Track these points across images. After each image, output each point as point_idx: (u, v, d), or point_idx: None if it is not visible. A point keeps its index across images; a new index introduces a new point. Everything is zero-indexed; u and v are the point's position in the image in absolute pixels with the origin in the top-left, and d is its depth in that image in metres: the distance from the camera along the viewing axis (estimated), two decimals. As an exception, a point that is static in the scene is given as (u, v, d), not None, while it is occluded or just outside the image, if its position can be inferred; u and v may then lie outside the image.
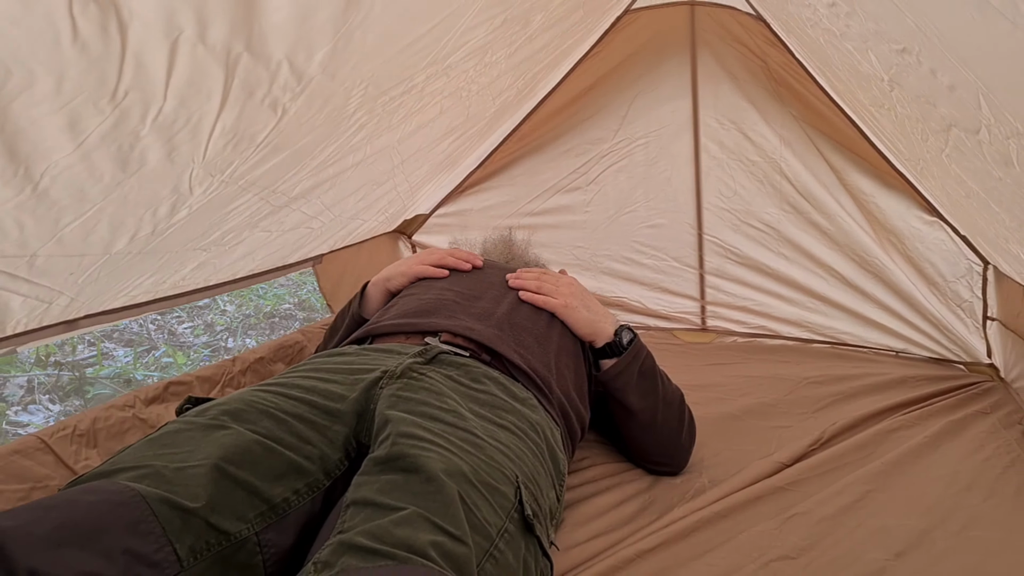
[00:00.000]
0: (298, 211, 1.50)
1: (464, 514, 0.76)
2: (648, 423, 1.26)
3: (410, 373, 1.01)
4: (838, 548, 1.05)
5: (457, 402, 0.98)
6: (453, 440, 0.87)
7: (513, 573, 0.79)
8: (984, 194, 1.33)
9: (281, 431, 0.89)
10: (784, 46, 1.92)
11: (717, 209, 2.15)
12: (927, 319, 1.96)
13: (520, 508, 0.85)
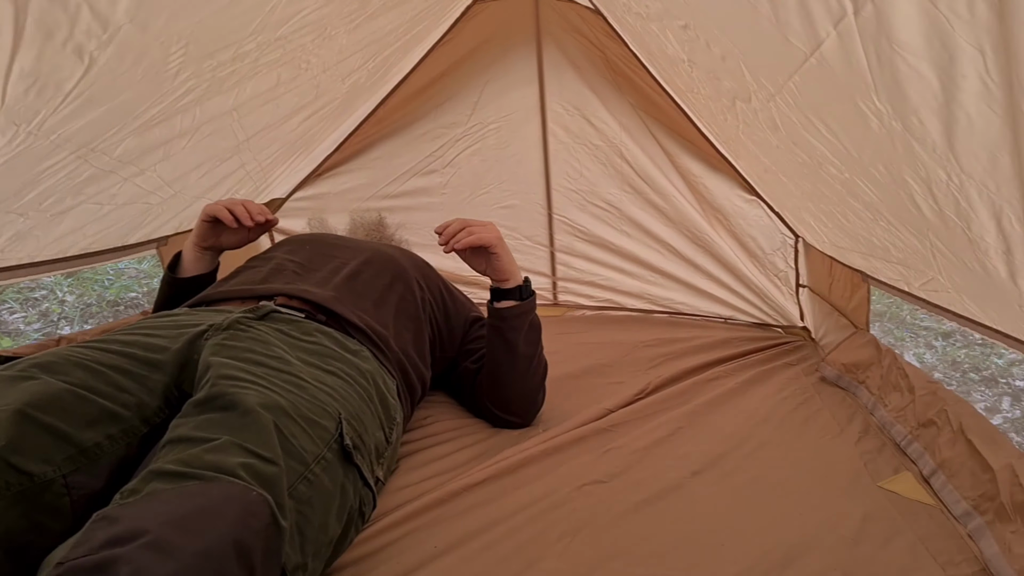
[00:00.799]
0: (131, 183, 1.47)
1: (279, 441, 0.79)
2: (524, 371, 1.35)
3: (237, 325, 1.04)
4: (645, 472, 1.17)
5: (284, 350, 1.01)
6: (275, 381, 0.91)
7: (329, 496, 0.84)
8: (774, 166, 1.51)
9: (95, 381, 0.89)
10: (620, 39, 2.08)
11: (565, 190, 2.28)
12: (750, 288, 2.17)
13: (340, 440, 0.90)
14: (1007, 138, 0.64)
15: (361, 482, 0.94)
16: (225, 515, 0.66)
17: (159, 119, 1.26)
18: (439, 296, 1.48)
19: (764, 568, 0.89)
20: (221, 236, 1.37)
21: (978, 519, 0.94)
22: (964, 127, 0.68)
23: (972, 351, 2.85)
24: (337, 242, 1.49)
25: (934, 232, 0.96)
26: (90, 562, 0.60)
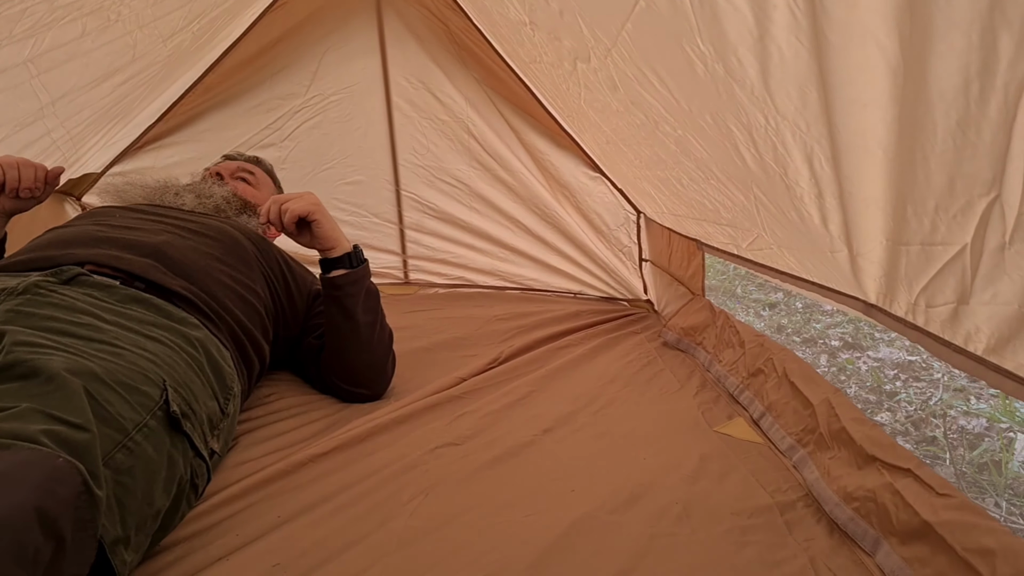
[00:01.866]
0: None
1: (91, 407, 0.71)
2: (367, 340, 1.28)
3: (35, 289, 0.91)
4: (496, 433, 1.15)
5: (95, 315, 0.90)
6: (84, 349, 0.81)
7: (153, 465, 0.77)
8: (614, 135, 1.55)
9: None
10: (462, 11, 2.05)
11: (412, 166, 2.22)
12: (597, 264, 2.23)
13: (166, 407, 0.82)
14: (814, 71, 0.68)
15: (192, 452, 0.86)
16: (24, 481, 0.59)
17: None
18: (278, 269, 1.39)
19: (611, 507, 0.90)
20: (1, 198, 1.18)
21: (801, 451, 1.00)
22: (776, 63, 0.71)
23: (794, 318, 3.16)
24: (157, 211, 1.35)
25: (757, 184, 1.01)
26: None
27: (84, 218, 1.30)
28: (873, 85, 0.61)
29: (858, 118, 0.66)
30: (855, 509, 0.83)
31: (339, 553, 0.80)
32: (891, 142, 0.66)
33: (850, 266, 0.95)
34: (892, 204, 0.73)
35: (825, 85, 0.67)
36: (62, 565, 0.60)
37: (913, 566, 0.72)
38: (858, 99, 0.64)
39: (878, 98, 0.62)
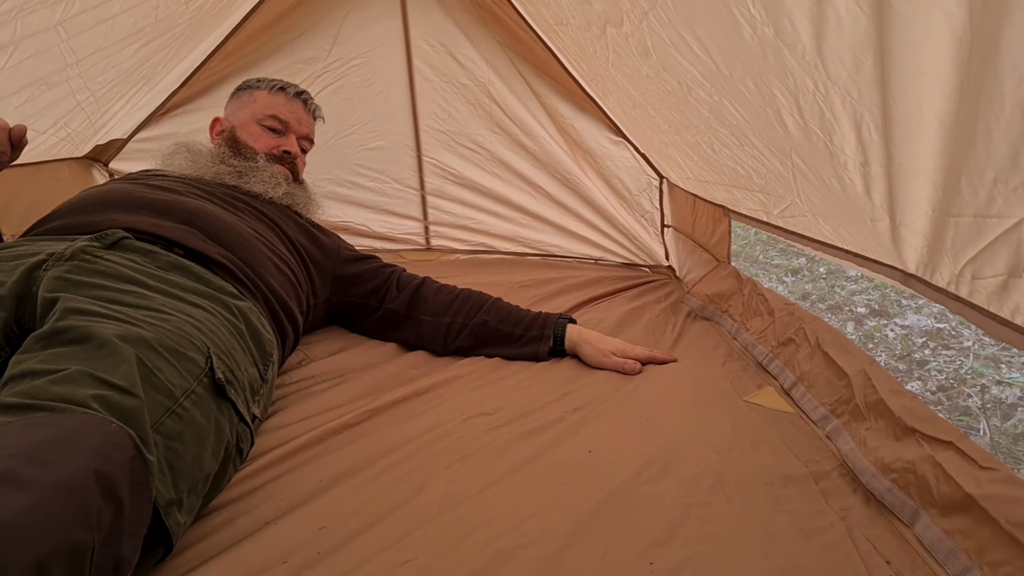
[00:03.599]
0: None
1: (140, 373, 0.72)
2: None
3: (82, 256, 0.92)
4: (529, 406, 1.16)
5: (142, 284, 0.91)
6: (134, 316, 0.82)
7: (202, 430, 0.78)
8: (642, 99, 1.52)
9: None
10: (484, -30, 2.01)
11: (433, 131, 2.20)
12: (619, 230, 2.22)
13: (211, 374, 0.84)
14: (872, 38, 0.66)
15: (237, 418, 0.88)
16: (83, 445, 0.60)
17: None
18: (308, 236, 1.40)
19: (646, 477, 0.91)
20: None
21: (835, 421, 1.00)
22: (833, 28, 0.69)
23: (818, 284, 3.14)
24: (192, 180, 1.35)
25: (797, 150, 0.99)
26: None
27: (119, 181, 1.30)
28: (936, 54, 0.59)
29: (916, 87, 0.65)
30: (893, 480, 0.83)
31: (382, 518, 0.82)
32: (949, 112, 0.64)
33: (890, 235, 0.93)
34: (944, 175, 0.72)
35: (884, 53, 0.65)
36: (122, 527, 0.61)
37: (954, 538, 0.72)
38: (918, 68, 0.62)
39: (939, 68, 0.60)
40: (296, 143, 1.54)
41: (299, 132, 1.55)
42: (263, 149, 1.47)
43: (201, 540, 0.77)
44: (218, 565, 0.73)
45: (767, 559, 0.75)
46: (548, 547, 0.77)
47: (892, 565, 0.73)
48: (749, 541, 0.78)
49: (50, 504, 0.54)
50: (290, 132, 1.53)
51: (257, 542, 0.77)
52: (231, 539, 0.77)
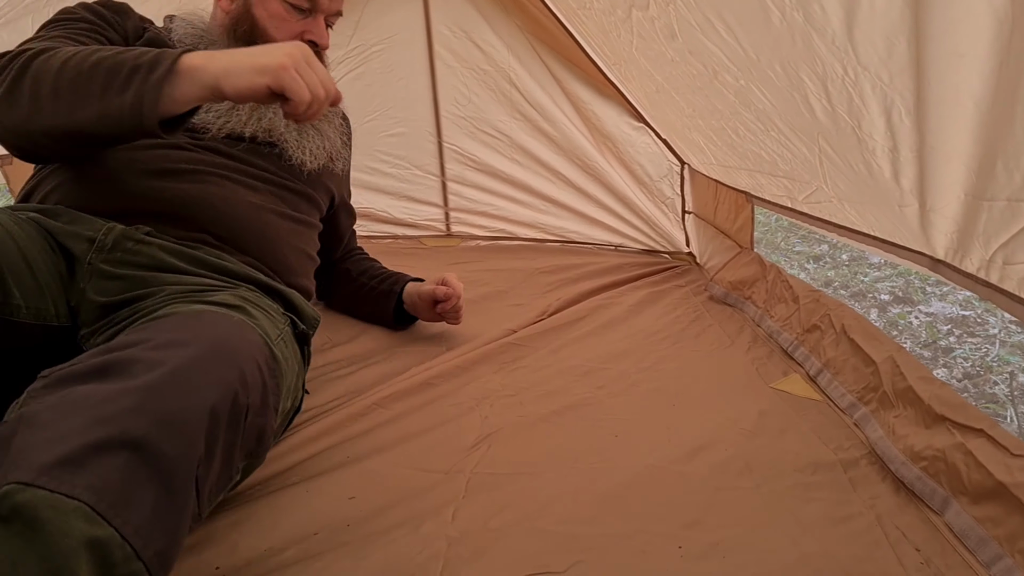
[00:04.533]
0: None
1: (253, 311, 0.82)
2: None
3: (125, 244, 0.89)
4: (551, 387, 1.18)
5: (197, 275, 0.93)
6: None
7: (290, 366, 0.86)
8: (666, 83, 1.51)
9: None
10: (503, -46, 1.99)
11: (454, 117, 2.19)
12: (639, 216, 2.20)
13: (293, 325, 0.93)
14: (907, 21, 0.65)
15: (303, 378, 0.96)
16: (241, 328, 0.71)
17: (5, 18, 1.08)
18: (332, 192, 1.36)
19: (672, 459, 0.92)
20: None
21: (863, 409, 1.00)
22: (866, 11, 0.68)
23: (840, 271, 3.10)
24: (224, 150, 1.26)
25: (824, 136, 0.98)
26: (87, 367, 0.57)
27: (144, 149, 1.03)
28: (974, 36, 0.58)
29: (952, 70, 0.64)
30: (923, 468, 0.82)
31: (409, 494, 0.84)
32: (986, 94, 0.63)
33: (919, 221, 0.92)
34: (978, 159, 0.71)
35: (919, 36, 0.64)
36: (268, 401, 0.70)
37: (985, 525, 0.72)
38: (955, 50, 0.61)
39: (977, 49, 0.59)
40: (324, 25, 1.16)
41: (329, 9, 1.14)
42: (285, 38, 1.10)
43: (236, 508, 0.80)
44: (253, 531, 0.76)
45: (796, 545, 0.75)
46: (577, 528, 0.78)
47: (922, 552, 0.73)
48: (778, 527, 0.78)
49: (216, 360, 0.61)
50: (318, 11, 1.13)
51: (291, 513, 0.79)
52: (266, 510, 0.80)
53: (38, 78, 0.82)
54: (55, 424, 0.51)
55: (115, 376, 0.55)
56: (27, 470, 0.47)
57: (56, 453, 0.48)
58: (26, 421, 0.52)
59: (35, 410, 0.53)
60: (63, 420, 0.51)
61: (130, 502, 0.49)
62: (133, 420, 0.52)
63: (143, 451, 0.51)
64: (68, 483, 0.47)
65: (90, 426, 0.50)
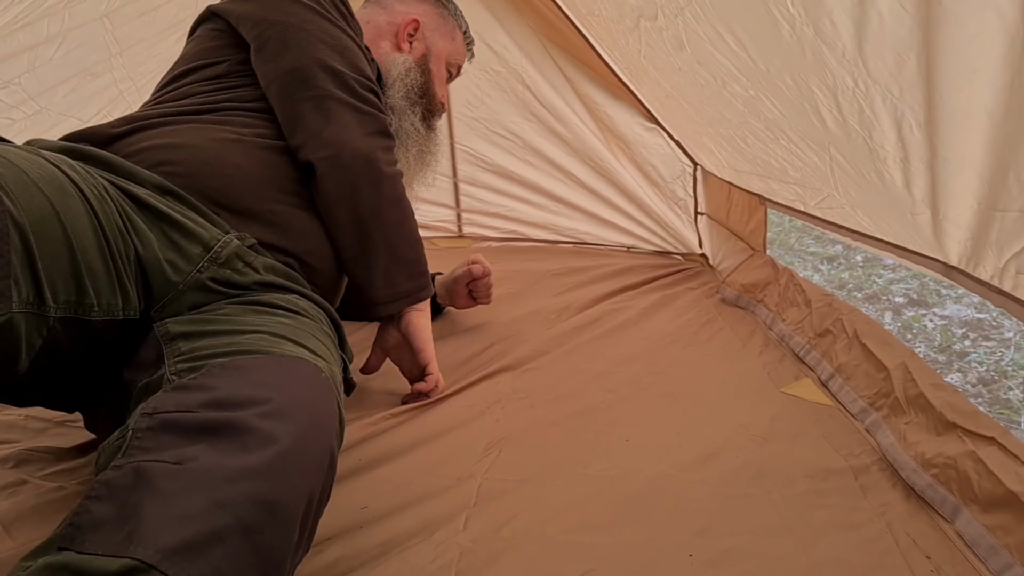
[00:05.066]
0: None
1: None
2: None
3: (235, 263, 0.88)
4: (563, 390, 1.19)
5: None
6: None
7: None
8: (675, 91, 1.52)
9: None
10: (517, -43, 2.00)
11: (467, 118, 2.21)
12: (651, 217, 2.21)
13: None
14: (916, 38, 0.65)
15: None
16: (325, 391, 0.70)
17: (24, 19, 1.11)
18: None
19: (683, 466, 0.92)
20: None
21: (874, 415, 1.00)
22: (875, 28, 0.69)
23: (855, 272, 3.09)
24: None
25: (835, 145, 0.98)
26: (198, 421, 0.58)
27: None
28: (986, 51, 0.59)
29: (965, 83, 0.64)
30: (934, 476, 0.83)
31: (421, 500, 0.85)
32: (999, 107, 0.64)
33: (932, 228, 0.93)
34: (991, 169, 0.71)
35: (929, 51, 0.65)
36: (331, 481, 0.68)
37: (995, 534, 0.72)
38: (968, 64, 0.62)
39: (989, 64, 0.60)
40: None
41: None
42: (439, 98, 1.35)
43: None
44: None
45: (806, 552, 0.76)
46: (588, 536, 0.79)
47: (932, 560, 0.74)
48: (789, 534, 0.79)
49: (315, 441, 0.61)
50: (451, 81, 1.45)
51: None
52: None
53: (385, 193, 1.03)
54: (176, 499, 0.52)
55: (229, 445, 0.56)
56: (151, 549, 0.49)
57: (179, 536, 0.50)
58: (147, 483, 0.53)
59: (154, 472, 0.54)
60: (183, 497, 0.52)
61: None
62: (249, 509, 0.53)
63: (252, 539, 0.53)
64: (185, 571, 0.48)
65: (211, 510, 0.52)
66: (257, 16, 1.03)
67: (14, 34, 1.19)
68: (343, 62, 1.03)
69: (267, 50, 1.01)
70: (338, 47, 1.03)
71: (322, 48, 1.02)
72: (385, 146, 1.05)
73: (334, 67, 1.01)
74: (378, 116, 1.06)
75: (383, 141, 1.05)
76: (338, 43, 1.04)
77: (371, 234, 1.02)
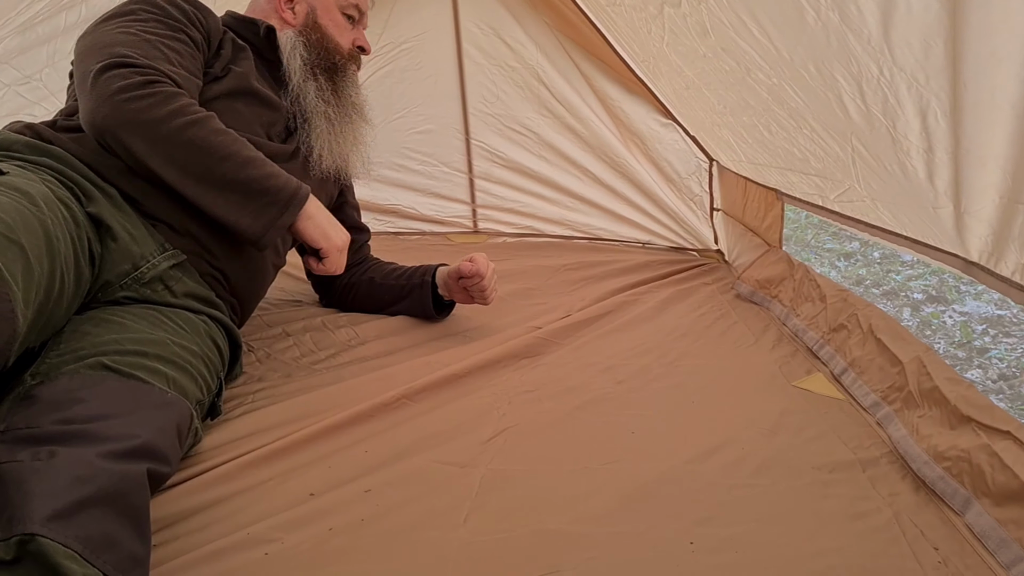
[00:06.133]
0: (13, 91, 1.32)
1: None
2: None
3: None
4: (572, 383, 1.18)
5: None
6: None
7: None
8: (697, 79, 1.51)
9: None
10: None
11: (482, 114, 2.21)
12: (667, 212, 2.20)
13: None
14: (944, 24, 0.65)
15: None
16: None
17: (45, 15, 1.12)
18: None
19: (688, 458, 0.92)
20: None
21: (886, 408, 1.00)
22: (902, 13, 0.68)
23: (872, 268, 3.06)
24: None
25: (857, 135, 0.98)
26: (46, 433, 0.66)
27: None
28: (1013, 39, 0.58)
29: (990, 73, 0.64)
30: (946, 468, 0.82)
31: (426, 492, 0.85)
32: (1022, 99, 0.63)
33: (954, 222, 0.92)
34: (1014, 162, 0.71)
35: (956, 38, 0.64)
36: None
37: (1007, 527, 0.72)
38: (993, 53, 0.62)
39: (1015, 53, 0.59)
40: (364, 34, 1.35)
41: (365, 21, 1.37)
42: (346, 46, 1.30)
43: (251, 492, 0.83)
44: (268, 524, 0.77)
45: (811, 540, 0.75)
46: (588, 527, 0.78)
47: (940, 551, 0.73)
48: (793, 523, 0.79)
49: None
50: (361, 22, 1.36)
51: (303, 506, 0.81)
52: (282, 499, 0.82)
53: (173, 123, 0.94)
54: (41, 483, 0.60)
55: (81, 442, 0.66)
56: (32, 523, 0.56)
57: (50, 508, 0.58)
58: (10, 480, 0.60)
59: (14, 470, 0.61)
60: (48, 480, 0.60)
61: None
62: (110, 479, 0.64)
63: (116, 503, 0.63)
64: (61, 533, 0.57)
65: (74, 485, 0.61)
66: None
67: (34, 27, 1.20)
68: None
69: None
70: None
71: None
72: (122, 89, 0.93)
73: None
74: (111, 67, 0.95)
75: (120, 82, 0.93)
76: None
77: (182, 190, 0.97)
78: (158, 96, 0.93)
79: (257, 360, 1.25)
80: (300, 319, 1.43)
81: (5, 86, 1.31)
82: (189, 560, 0.70)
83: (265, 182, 1.00)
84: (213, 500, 0.80)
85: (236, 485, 0.83)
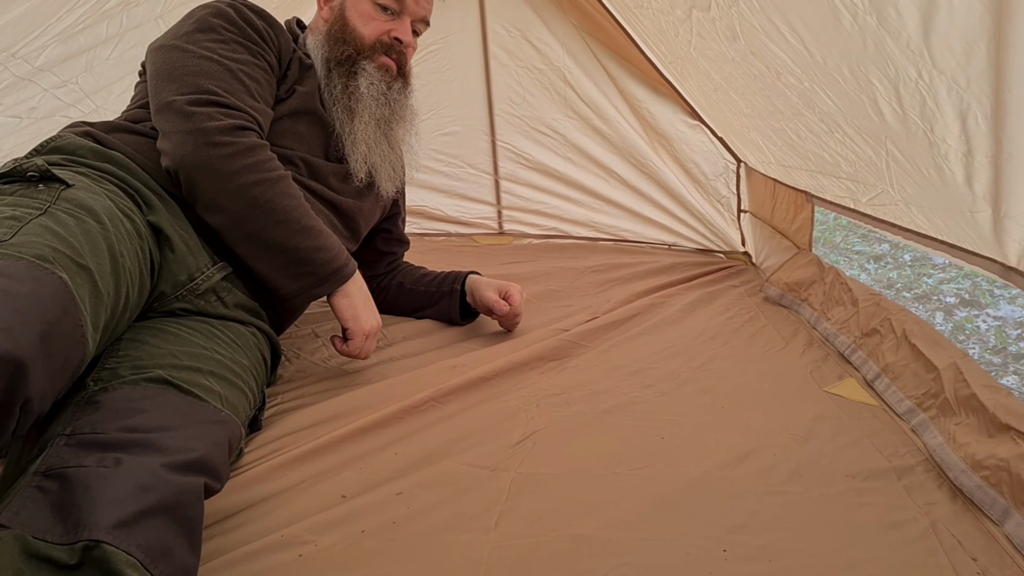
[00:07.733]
0: (51, 94, 1.35)
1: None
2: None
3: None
4: (600, 387, 1.17)
5: None
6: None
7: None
8: (725, 83, 1.50)
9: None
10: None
11: (508, 116, 2.22)
12: (694, 215, 2.19)
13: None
14: (987, 26, 0.64)
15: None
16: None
17: (84, 22, 1.14)
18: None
19: (720, 463, 0.91)
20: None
21: (921, 415, 0.98)
22: (944, 16, 0.67)
23: (903, 271, 3.00)
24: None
25: (892, 139, 0.97)
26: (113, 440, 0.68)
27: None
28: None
29: (1033, 75, 0.63)
30: (984, 477, 0.81)
31: (457, 495, 0.85)
32: (1066, 101, 0.62)
33: (992, 227, 0.90)
34: (1056, 167, 0.69)
35: (1000, 41, 0.63)
36: None
37: (1050, 539, 0.70)
38: (1037, 56, 0.61)
39: (1059, 55, 0.58)
40: (410, 27, 1.26)
41: (415, 13, 1.25)
42: (369, 37, 1.21)
43: (282, 495, 0.83)
44: (301, 526, 0.78)
45: (845, 550, 0.74)
46: (620, 532, 0.78)
47: (979, 562, 0.72)
48: (827, 531, 0.77)
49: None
50: (405, 13, 1.23)
51: (336, 508, 0.81)
52: (314, 501, 0.83)
53: (245, 179, 0.98)
54: (105, 490, 0.62)
55: (145, 451, 0.68)
56: (98, 530, 0.58)
57: (115, 516, 0.59)
58: (78, 483, 0.62)
59: (81, 475, 0.63)
60: (112, 488, 0.62)
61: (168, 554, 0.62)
62: (171, 491, 0.65)
63: (176, 514, 0.65)
64: (125, 541, 0.58)
65: (137, 494, 0.62)
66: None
67: (75, 36, 1.23)
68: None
69: None
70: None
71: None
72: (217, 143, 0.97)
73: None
74: (211, 113, 0.98)
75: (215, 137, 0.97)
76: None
77: (228, 239, 1.02)
78: (240, 146, 0.97)
79: (287, 359, 1.26)
80: (329, 320, 1.45)
81: (44, 90, 1.34)
82: (225, 561, 0.71)
83: (312, 253, 1.04)
84: (247, 502, 0.81)
85: (269, 487, 0.85)
